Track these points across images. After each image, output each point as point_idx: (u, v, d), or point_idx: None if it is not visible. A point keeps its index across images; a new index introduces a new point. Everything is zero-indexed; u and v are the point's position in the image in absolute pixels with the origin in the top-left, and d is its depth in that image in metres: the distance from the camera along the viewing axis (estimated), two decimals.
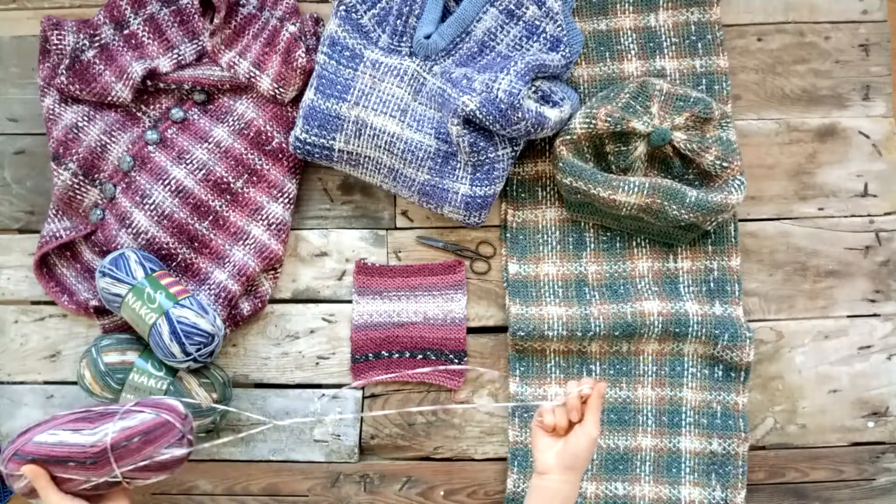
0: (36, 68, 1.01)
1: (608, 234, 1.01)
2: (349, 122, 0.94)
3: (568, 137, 0.94)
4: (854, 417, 1.00)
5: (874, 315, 1.01)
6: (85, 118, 0.99)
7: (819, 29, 1.04)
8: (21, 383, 1.03)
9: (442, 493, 1.00)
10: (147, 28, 1.02)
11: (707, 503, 0.96)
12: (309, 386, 1.01)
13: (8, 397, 1.02)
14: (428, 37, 0.95)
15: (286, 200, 1.02)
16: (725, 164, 0.91)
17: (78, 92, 0.98)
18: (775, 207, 1.02)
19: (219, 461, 1.01)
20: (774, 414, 1.00)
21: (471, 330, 1.01)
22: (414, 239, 1.03)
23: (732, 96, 1.02)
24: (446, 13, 0.97)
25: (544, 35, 0.95)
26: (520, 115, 0.88)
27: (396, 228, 1.04)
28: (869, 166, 1.02)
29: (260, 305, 1.01)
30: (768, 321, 1.01)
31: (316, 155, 0.97)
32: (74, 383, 1.02)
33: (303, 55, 0.97)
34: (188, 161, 0.99)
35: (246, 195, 1.01)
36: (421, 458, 1.01)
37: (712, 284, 0.99)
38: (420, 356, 1.00)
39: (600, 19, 1.03)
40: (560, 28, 0.95)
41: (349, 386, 1.00)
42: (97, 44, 1.00)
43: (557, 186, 1.01)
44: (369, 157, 0.96)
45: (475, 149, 0.92)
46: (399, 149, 0.94)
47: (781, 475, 0.99)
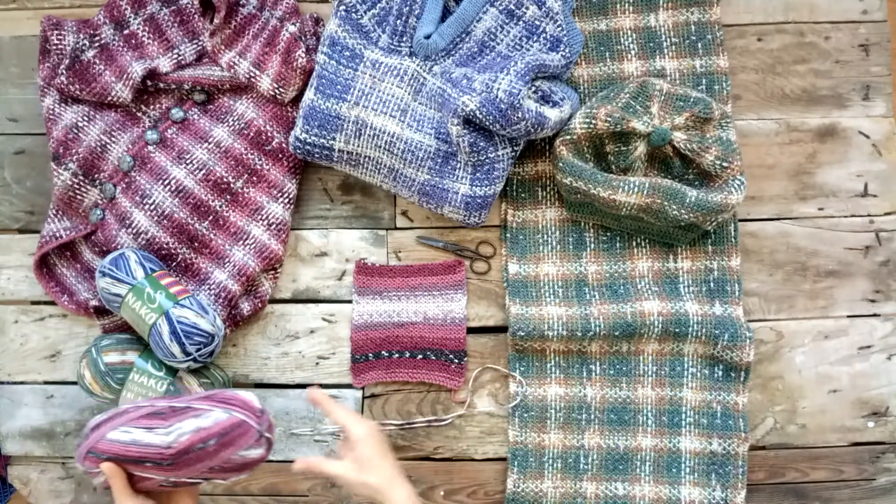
0: (36, 68, 1.01)
1: (608, 234, 1.01)
2: (349, 122, 0.94)
3: (568, 137, 0.94)
4: (854, 417, 1.00)
5: (874, 315, 1.01)
6: (85, 118, 0.99)
7: (819, 29, 1.04)
8: (21, 383, 1.03)
9: (442, 493, 1.00)
10: (147, 28, 1.02)
11: (707, 503, 0.97)
12: (309, 386, 1.01)
13: (8, 397, 1.02)
14: (428, 37, 0.95)
15: (286, 200, 1.02)
16: (725, 164, 0.91)
17: (78, 92, 0.98)
18: (775, 207, 1.02)
19: None
20: (774, 414, 1.00)
21: (471, 330, 1.01)
22: (414, 239, 1.03)
23: (732, 96, 1.02)
24: (446, 13, 0.97)
25: (544, 35, 0.95)
26: (520, 115, 0.88)
27: (396, 228, 1.04)
28: (869, 166, 1.02)
29: (260, 305, 1.01)
30: (768, 321, 1.01)
31: (316, 155, 0.97)
32: (74, 383, 1.02)
33: (303, 55, 0.97)
34: (188, 161, 0.99)
35: (246, 195, 1.01)
36: (421, 458, 1.01)
37: (712, 284, 0.99)
38: (420, 356, 1.00)
39: (600, 19, 1.03)
40: (560, 28, 0.95)
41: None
42: (97, 44, 1.00)
43: (557, 186, 1.01)
44: (369, 157, 0.96)
45: (475, 149, 0.92)
46: (399, 149, 0.94)
47: (781, 475, 0.99)
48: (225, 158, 1.00)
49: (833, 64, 1.03)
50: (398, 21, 0.96)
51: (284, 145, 1.01)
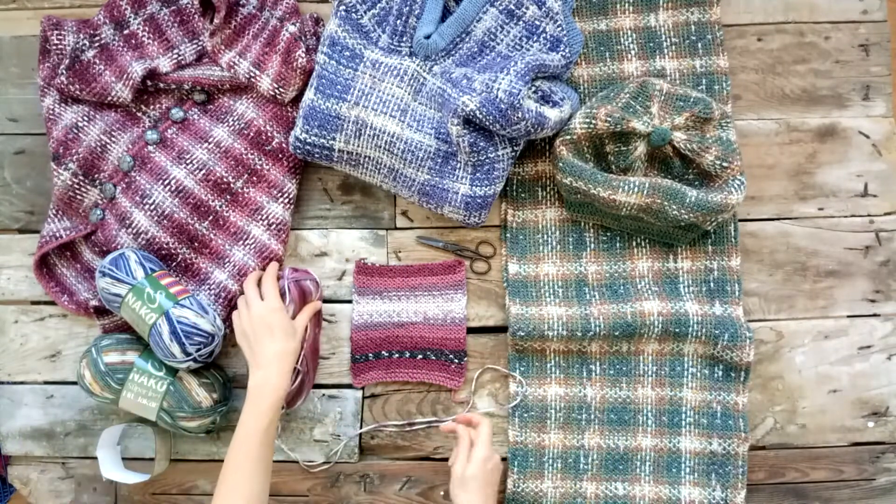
0: (36, 68, 1.01)
1: (608, 234, 1.01)
2: (349, 122, 0.94)
3: (568, 137, 0.94)
4: (854, 417, 1.00)
5: (874, 315, 1.01)
6: (85, 118, 0.99)
7: (819, 29, 1.04)
8: (21, 383, 1.03)
9: (442, 494, 1.00)
10: (147, 28, 1.02)
11: (707, 503, 0.96)
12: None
13: (8, 397, 1.02)
14: (428, 37, 0.95)
15: (286, 200, 1.02)
16: (725, 164, 0.91)
17: (78, 92, 0.98)
18: (775, 207, 1.02)
19: (219, 461, 1.01)
20: (774, 414, 1.00)
21: (471, 330, 1.01)
22: (414, 239, 1.03)
23: (732, 96, 1.02)
24: (446, 13, 0.97)
25: (544, 35, 0.95)
26: (520, 115, 0.88)
27: (396, 228, 1.04)
28: (869, 166, 1.02)
29: None
30: (768, 321, 1.01)
31: (316, 155, 0.97)
32: (74, 383, 1.02)
33: (303, 55, 0.97)
34: (188, 161, 0.99)
35: (246, 195, 1.01)
36: (421, 458, 1.01)
37: (712, 284, 0.99)
38: (420, 356, 1.00)
39: (600, 19, 1.03)
40: (560, 28, 0.95)
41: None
42: (97, 44, 1.00)
43: (557, 186, 1.01)
44: (369, 157, 0.96)
45: (475, 149, 0.92)
46: (399, 149, 0.94)
47: (781, 475, 0.99)
48: (225, 158, 1.00)
49: (833, 64, 1.03)
50: (398, 21, 0.96)
51: (284, 145, 1.01)
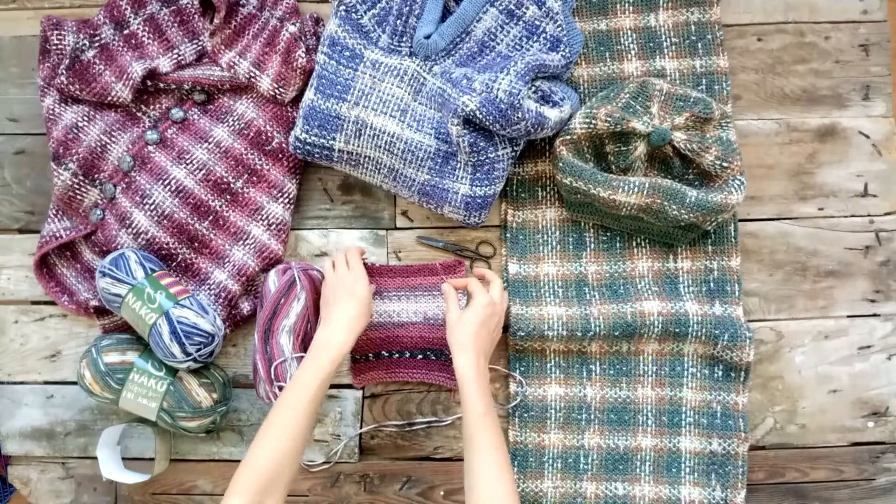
0: (36, 68, 1.01)
1: (608, 234, 1.01)
2: (349, 122, 0.94)
3: (568, 137, 0.94)
4: (854, 417, 1.00)
5: (874, 315, 1.01)
6: (85, 118, 0.99)
7: (819, 29, 1.04)
8: (21, 383, 1.03)
9: (442, 493, 1.00)
10: (147, 28, 1.02)
11: (707, 503, 0.96)
12: None
13: (8, 397, 1.02)
14: (428, 37, 0.95)
15: (286, 200, 1.02)
16: (725, 164, 0.91)
17: (78, 92, 0.98)
18: (775, 207, 1.02)
19: (219, 461, 1.01)
20: (774, 414, 1.00)
21: None
22: (414, 239, 1.03)
23: (732, 96, 1.02)
24: (446, 13, 0.97)
25: (544, 35, 0.95)
26: (520, 115, 0.88)
27: (396, 228, 1.04)
28: (869, 166, 1.02)
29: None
30: (768, 321, 1.01)
31: (316, 155, 0.97)
32: (74, 383, 1.02)
33: (303, 55, 0.97)
34: (188, 161, 0.99)
35: (246, 195, 1.01)
36: (421, 458, 1.01)
37: (712, 284, 0.99)
38: (420, 356, 1.00)
39: (600, 19, 1.03)
40: (560, 28, 0.95)
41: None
42: (97, 44, 1.00)
43: (557, 186, 1.01)
44: (369, 157, 0.96)
45: (475, 149, 0.91)
46: (399, 149, 0.94)
47: (781, 475, 0.99)
48: (225, 158, 1.00)
49: (833, 64, 1.03)
50: (398, 21, 0.96)
51: (284, 145, 1.01)
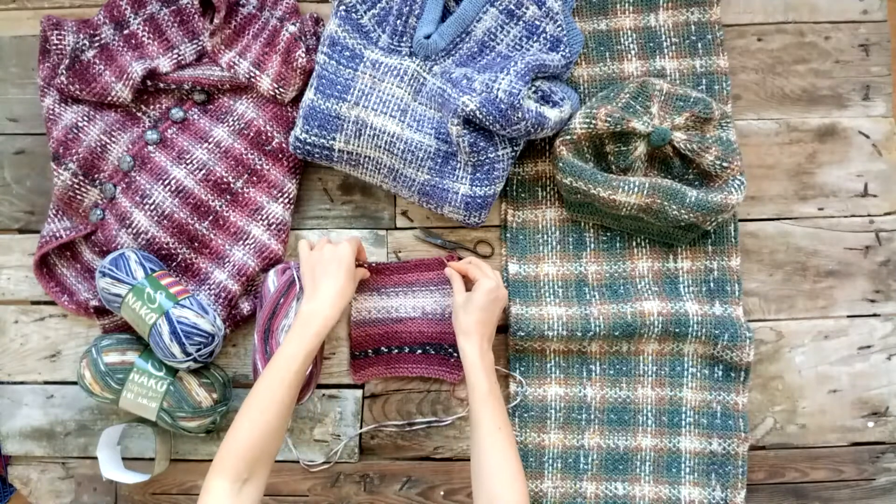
0: (36, 68, 1.01)
1: (608, 234, 1.01)
2: (349, 122, 0.94)
3: (568, 137, 0.94)
4: (854, 417, 1.00)
5: (874, 315, 1.01)
6: (85, 118, 0.99)
7: (819, 29, 1.04)
8: (21, 383, 1.03)
9: (442, 493, 1.00)
10: (147, 28, 1.02)
11: (707, 503, 0.96)
12: None
13: (8, 397, 1.02)
14: (428, 37, 0.95)
15: (286, 200, 1.02)
16: (725, 164, 0.91)
17: (78, 92, 0.98)
18: (775, 207, 1.02)
19: None
20: (774, 414, 1.00)
21: None
22: (414, 239, 1.03)
23: (732, 96, 1.02)
24: (446, 13, 0.97)
25: (544, 35, 0.95)
26: (520, 115, 0.88)
27: (396, 228, 1.04)
28: (869, 166, 1.02)
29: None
30: (768, 321, 1.01)
31: (316, 155, 0.97)
32: (74, 383, 1.02)
33: (303, 55, 0.97)
34: (188, 161, 0.99)
35: (246, 195, 1.01)
36: (421, 458, 1.01)
37: (712, 284, 0.99)
38: (419, 351, 1.00)
39: (600, 19, 1.03)
40: (560, 28, 0.95)
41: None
42: (97, 44, 1.00)
43: (557, 186, 1.01)
44: (369, 157, 0.96)
45: (475, 149, 0.92)
46: (399, 149, 0.94)
47: (781, 475, 0.99)
48: (225, 158, 1.00)
49: (833, 64, 1.03)
50: (398, 21, 0.96)
51: (284, 145, 1.01)
